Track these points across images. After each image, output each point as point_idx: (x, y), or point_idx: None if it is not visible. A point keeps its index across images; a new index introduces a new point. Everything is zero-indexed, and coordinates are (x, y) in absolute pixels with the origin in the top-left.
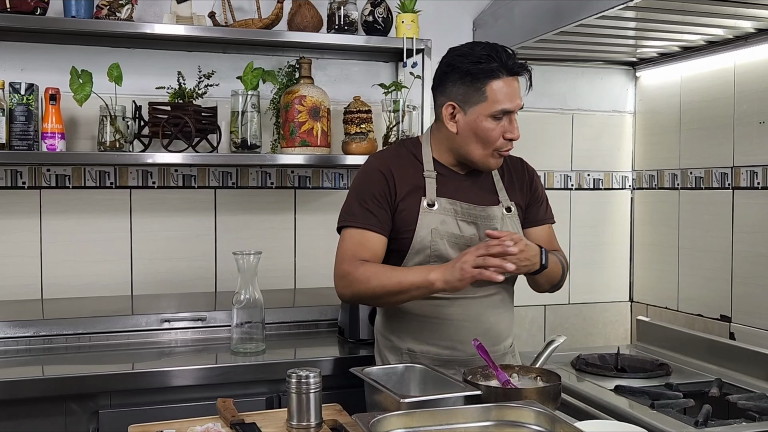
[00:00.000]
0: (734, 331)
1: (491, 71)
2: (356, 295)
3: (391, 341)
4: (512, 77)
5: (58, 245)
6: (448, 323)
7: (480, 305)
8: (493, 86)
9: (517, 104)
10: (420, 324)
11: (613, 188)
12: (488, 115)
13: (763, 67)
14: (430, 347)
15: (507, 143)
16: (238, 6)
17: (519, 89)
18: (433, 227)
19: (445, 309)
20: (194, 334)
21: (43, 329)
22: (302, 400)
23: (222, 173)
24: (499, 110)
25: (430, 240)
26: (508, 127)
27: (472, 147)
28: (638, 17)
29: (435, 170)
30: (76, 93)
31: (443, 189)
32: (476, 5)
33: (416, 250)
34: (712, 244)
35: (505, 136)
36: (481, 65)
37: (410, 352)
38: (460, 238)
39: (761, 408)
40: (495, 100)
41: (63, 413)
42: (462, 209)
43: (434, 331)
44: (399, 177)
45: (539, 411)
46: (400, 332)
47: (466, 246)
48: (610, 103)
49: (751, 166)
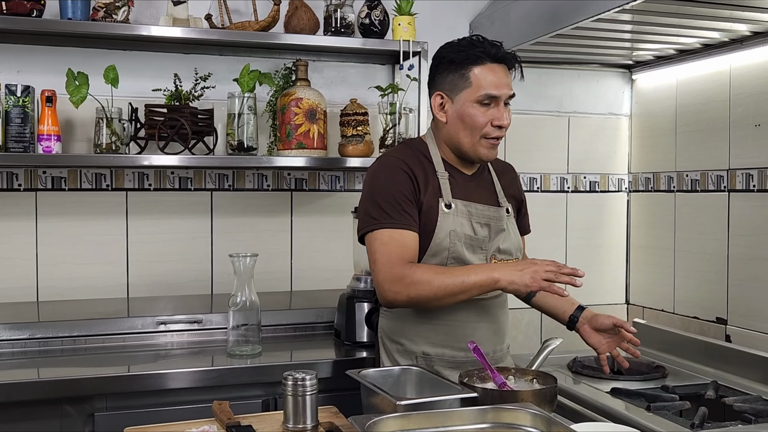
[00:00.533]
0: (730, 334)
1: (475, 57)
2: (413, 299)
3: (403, 345)
4: (497, 64)
5: (53, 247)
6: (464, 325)
7: (492, 306)
8: (476, 71)
9: (504, 92)
10: (434, 327)
11: (609, 191)
12: (474, 101)
13: (758, 69)
14: (445, 350)
15: (495, 130)
16: (235, 8)
17: (506, 77)
18: (452, 229)
19: (461, 312)
20: (190, 336)
21: (38, 332)
22: (298, 403)
23: (218, 175)
24: (483, 95)
25: (449, 242)
26: (496, 114)
27: (461, 135)
28: (634, 20)
29: (446, 171)
30: (73, 95)
31: (455, 190)
32: (473, 8)
33: (434, 252)
34: (708, 247)
35: (493, 122)
36: (464, 52)
37: (425, 355)
38: (474, 239)
39: (757, 410)
40: (479, 85)
41: (58, 416)
42: (476, 211)
43: (449, 333)
44: (419, 176)
45: (535, 413)
46: (413, 336)
47: (480, 248)
48: (606, 106)
49: (747, 169)
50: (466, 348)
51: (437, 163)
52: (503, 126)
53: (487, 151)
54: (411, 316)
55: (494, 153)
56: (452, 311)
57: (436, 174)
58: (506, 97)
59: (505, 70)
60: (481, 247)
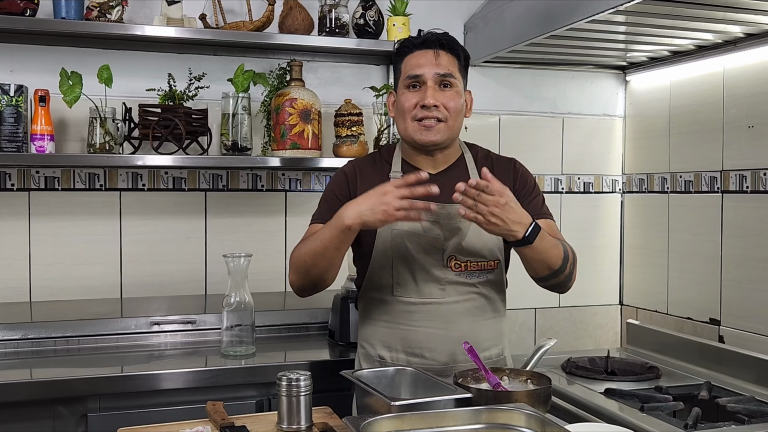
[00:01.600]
0: (723, 335)
1: (406, 47)
2: (297, 275)
3: (365, 348)
4: (427, 50)
5: (46, 247)
6: (416, 330)
7: (450, 312)
8: (405, 60)
9: (427, 71)
10: (389, 330)
11: (603, 192)
12: (404, 87)
13: (752, 71)
14: (399, 354)
15: (422, 111)
16: (229, 8)
17: (438, 59)
18: (395, 227)
19: (413, 315)
20: (184, 337)
21: (31, 332)
22: (292, 403)
23: (212, 176)
24: (406, 77)
25: (391, 240)
26: (422, 95)
27: (399, 123)
28: (628, 21)
29: (402, 171)
30: (66, 95)
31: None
32: (467, 8)
33: (380, 251)
34: (701, 248)
35: (419, 103)
36: (399, 47)
37: (381, 359)
38: (423, 237)
39: (750, 411)
40: (406, 71)
41: (51, 416)
42: None
43: (403, 338)
44: (363, 179)
45: (530, 414)
46: (372, 339)
47: (434, 247)
48: (600, 107)
49: (740, 170)
50: (420, 354)
51: (395, 164)
52: (427, 105)
53: (420, 135)
54: (370, 320)
55: (430, 136)
56: (405, 315)
57: (389, 175)
58: (431, 76)
59: (433, 53)
60: (435, 246)
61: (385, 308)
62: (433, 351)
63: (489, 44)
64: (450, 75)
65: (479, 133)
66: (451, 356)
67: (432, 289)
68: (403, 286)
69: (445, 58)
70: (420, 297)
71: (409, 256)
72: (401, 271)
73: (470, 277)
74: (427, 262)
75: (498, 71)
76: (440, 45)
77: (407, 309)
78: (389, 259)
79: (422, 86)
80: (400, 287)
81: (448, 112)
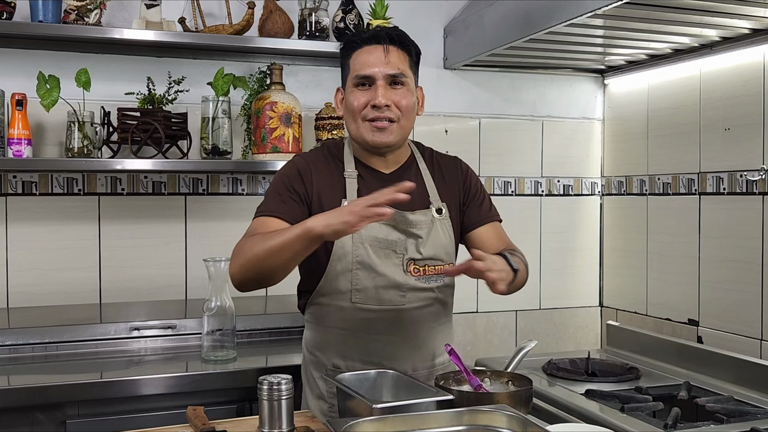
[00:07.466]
0: (702, 335)
1: (350, 43)
2: (243, 268)
3: (317, 357)
4: (375, 45)
5: (24, 253)
6: (375, 339)
7: (410, 318)
8: (353, 56)
9: (377, 70)
10: (345, 338)
11: (583, 194)
12: (353, 86)
13: (727, 74)
14: (355, 363)
15: (372, 111)
16: (209, 11)
17: (383, 57)
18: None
19: (372, 323)
20: (164, 342)
21: (9, 338)
22: (274, 407)
23: (192, 180)
24: (355, 77)
25: (351, 245)
26: (372, 94)
27: (348, 123)
28: (606, 25)
29: (356, 170)
30: (43, 98)
31: (364, 191)
32: (447, 12)
33: (338, 257)
34: (679, 249)
35: (369, 103)
36: (346, 42)
37: (335, 368)
38: (384, 242)
39: (729, 410)
40: (354, 69)
41: (30, 423)
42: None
43: (360, 346)
44: (317, 176)
45: (511, 415)
46: (324, 347)
47: (393, 251)
48: (579, 110)
49: (717, 172)
50: (378, 363)
51: (348, 162)
52: (377, 105)
53: (371, 135)
54: (324, 327)
55: (382, 137)
56: (363, 323)
57: (343, 174)
58: (382, 76)
59: (382, 50)
60: (394, 251)
61: (341, 315)
62: (392, 360)
63: (469, 48)
64: (401, 74)
65: (459, 136)
66: (410, 364)
67: (392, 296)
68: (363, 292)
69: (396, 54)
70: (380, 304)
71: (369, 260)
72: (361, 277)
73: (429, 282)
74: (387, 269)
75: (478, 74)
76: (390, 40)
77: (366, 316)
78: (348, 264)
79: (372, 85)
80: (359, 293)
81: (400, 111)
